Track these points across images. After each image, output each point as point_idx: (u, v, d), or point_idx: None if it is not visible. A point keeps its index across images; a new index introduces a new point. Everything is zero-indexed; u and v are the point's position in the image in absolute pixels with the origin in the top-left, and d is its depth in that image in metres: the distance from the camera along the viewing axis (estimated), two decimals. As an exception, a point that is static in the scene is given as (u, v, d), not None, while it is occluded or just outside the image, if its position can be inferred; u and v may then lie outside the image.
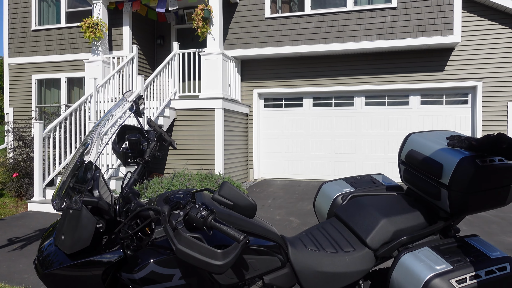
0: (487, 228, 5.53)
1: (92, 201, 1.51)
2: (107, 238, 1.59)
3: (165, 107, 8.35)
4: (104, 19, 9.44)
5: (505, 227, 5.55)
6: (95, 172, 1.63)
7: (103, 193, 1.62)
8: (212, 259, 1.29)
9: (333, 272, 1.81)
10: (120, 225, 1.58)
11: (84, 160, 1.55)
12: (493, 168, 1.81)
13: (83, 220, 1.42)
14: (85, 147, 1.60)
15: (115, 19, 10.00)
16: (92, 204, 1.51)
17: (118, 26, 10.02)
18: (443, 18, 8.34)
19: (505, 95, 8.55)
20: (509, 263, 1.72)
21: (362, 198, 2.17)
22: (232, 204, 1.37)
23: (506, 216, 6.10)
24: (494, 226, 5.61)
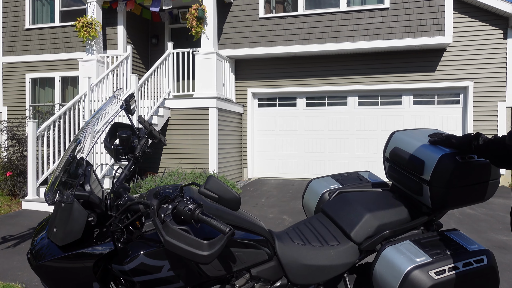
0: (476, 225, 5.63)
1: (84, 195, 1.56)
2: (98, 231, 1.64)
3: (160, 106, 8.39)
4: (98, 18, 9.45)
5: (493, 225, 5.65)
6: (87, 168, 1.68)
7: (95, 188, 1.67)
8: (199, 250, 1.35)
9: (318, 265, 1.88)
10: (111, 218, 1.63)
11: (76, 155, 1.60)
12: (472, 165, 1.88)
13: (75, 213, 1.47)
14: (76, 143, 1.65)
15: (109, 18, 10.02)
16: (84, 198, 1.56)
17: (112, 25, 10.04)
18: (434, 19, 8.44)
19: (495, 95, 8.67)
20: (486, 255, 1.79)
21: (348, 194, 2.24)
22: (218, 197, 1.42)
23: (494, 214, 6.21)
24: (483, 224, 5.70)
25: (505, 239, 5.00)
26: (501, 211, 6.38)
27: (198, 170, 8.13)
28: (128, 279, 1.57)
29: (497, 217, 6.04)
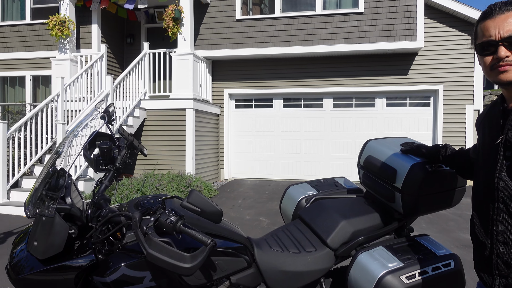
0: (445, 225, 5.85)
1: (65, 208, 1.56)
2: (79, 243, 1.64)
3: (135, 107, 8.30)
4: (71, 17, 9.25)
5: (461, 224, 5.89)
6: (68, 180, 1.68)
7: (75, 200, 1.68)
8: (181, 262, 1.39)
9: (296, 271, 1.94)
10: (92, 230, 1.64)
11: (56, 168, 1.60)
12: (440, 173, 1.99)
13: (56, 226, 1.48)
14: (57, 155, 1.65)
15: (83, 16, 9.82)
16: (65, 211, 1.56)
17: (86, 24, 9.85)
18: (407, 24, 8.69)
19: (463, 98, 9.01)
20: (453, 259, 1.89)
21: (324, 200, 2.31)
22: (200, 211, 1.46)
23: (463, 214, 6.47)
24: (452, 224, 5.94)
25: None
26: (469, 211, 6.63)
27: (175, 171, 8.09)
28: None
29: (465, 217, 6.30)
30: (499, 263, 1.31)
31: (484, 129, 1.46)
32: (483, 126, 1.48)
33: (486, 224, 1.36)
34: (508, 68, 1.29)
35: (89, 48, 9.77)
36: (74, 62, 9.28)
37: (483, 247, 1.37)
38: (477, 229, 1.41)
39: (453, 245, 4.94)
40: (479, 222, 1.41)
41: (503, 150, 1.31)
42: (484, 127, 1.47)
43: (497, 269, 1.32)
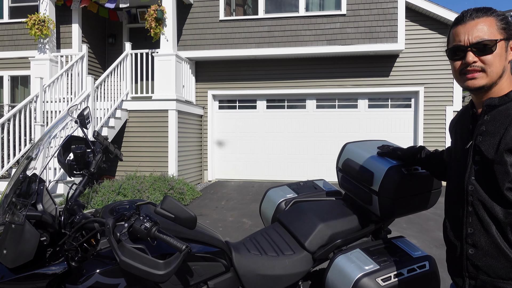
0: (425, 225, 5.94)
1: (36, 215, 1.53)
2: (51, 251, 1.61)
3: (117, 108, 8.19)
4: (51, 16, 9.08)
5: (440, 224, 5.99)
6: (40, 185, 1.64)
7: (48, 206, 1.64)
8: (155, 269, 1.37)
9: (274, 275, 1.94)
10: (64, 237, 1.61)
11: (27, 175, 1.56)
12: (416, 176, 2.01)
13: (26, 234, 1.44)
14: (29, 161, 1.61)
15: (64, 16, 9.65)
16: (36, 218, 1.53)
17: (66, 23, 9.68)
18: (388, 26, 8.80)
19: (443, 100, 9.17)
20: (428, 261, 1.92)
21: (303, 203, 2.32)
22: (174, 217, 1.45)
23: (442, 214, 6.57)
24: (432, 223, 6.04)
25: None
26: (448, 210, 6.77)
27: (157, 173, 8.02)
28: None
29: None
30: (468, 265, 1.34)
31: (456, 133, 1.49)
32: (455, 130, 1.51)
33: (457, 227, 1.39)
34: (476, 74, 1.31)
35: (70, 48, 9.61)
36: (54, 62, 9.11)
37: (454, 250, 1.40)
38: (449, 231, 1.44)
39: (432, 244, 5.02)
40: (450, 225, 1.44)
41: (472, 154, 1.34)
42: (456, 131, 1.50)
43: (467, 271, 1.35)
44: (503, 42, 1.29)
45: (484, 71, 1.30)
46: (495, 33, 1.28)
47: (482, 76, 1.30)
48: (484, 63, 1.29)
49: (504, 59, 1.30)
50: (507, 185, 1.23)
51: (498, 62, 1.29)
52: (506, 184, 1.23)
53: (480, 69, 1.30)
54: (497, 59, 1.29)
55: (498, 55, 1.28)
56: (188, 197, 7.42)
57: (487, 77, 1.30)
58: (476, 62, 1.30)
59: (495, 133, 1.28)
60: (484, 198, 1.29)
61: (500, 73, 1.30)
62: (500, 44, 1.29)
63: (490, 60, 1.28)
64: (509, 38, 1.30)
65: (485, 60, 1.29)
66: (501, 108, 1.30)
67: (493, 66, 1.29)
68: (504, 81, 1.32)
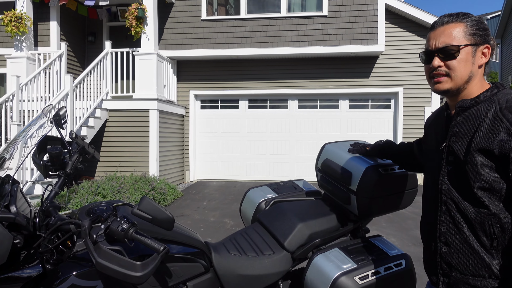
0: (404, 224, 6.05)
1: (9, 217, 1.49)
2: (25, 253, 1.57)
3: (97, 108, 8.07)
4: (28, 13, 8.87)
5: (419, 222, 6.09)
6: (13, 187, 1.60)
7: (22, 208, 1.60)
8: (132, 271, 1.36)
9: (253, 275, 1.94)
10: (39, 239, 1.58)
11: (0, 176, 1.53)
12: (393, 176, 2.05)
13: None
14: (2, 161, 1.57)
15: (41, 13, 9.44)
16: (9, 221, 1.49)
17: (44, 20, 9.47)
18: (368, 28, 8.93)
19: (422, 101, 9.35)
20: (405, 259, 1.96)
21: (283, 203, 2.33)
22: (151, 218, 1.44)
23: (420, 212, 6.70)
24: (410, 222, 6.15)
25: (428, 236, 5.43)
26: (426, 209, 6.91)
27: (138, 173, 7.93)
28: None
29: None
30: (442, 262, 1.38)
31: (431, 133, 1.52)
32: (430, 129, 1.55)
33: (432, 226, 1.43)
34: (441, 79, 1.36)
35: (48, 46, 9.41)
36: (31, 60, 8.91)
37: (430, 248, 1.44)
38: (425, 230, 1.48)
39: (411, 243, 5.12)
40: (426, 224, 1.48)
41: (446, 155, 1.37)
42: (431, 131, 1.54)
43: (441, 269, 1.39)
44: (469, 47, 1.31)
45: (449, 75, 1.34)
46: (462, 39, 1.31)
47: (446, 80, 1.34)
48: (448, 68, 1.33)
49: (471, 65, 1.32)
50: (478, 185, 1.26)
51: (462, 68, 1.32)
52: (477, 184, 1.26)
53: (445, 73, 1.34)
54: (462, 64, 1.32)
55: (463, 60, 1.31)
56: (169, 198, 7.36)
57: (452, 82, 1.34)
58: (441, 67, 1.34)
59: (467, 134, 1.32)
60: (456, 198, 1.33)
61: (466, 78, 1.33)
62: (465, 50, 1.31)
63: (454, 65, 1.32)
64: (478, 44, 1.32)
65: (449, 65, 1.32)
66: (472, 109, 1.34)
67: (456, 71, 1.32)
68: (474, 85, 1.35)
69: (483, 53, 1.34)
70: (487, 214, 1.26)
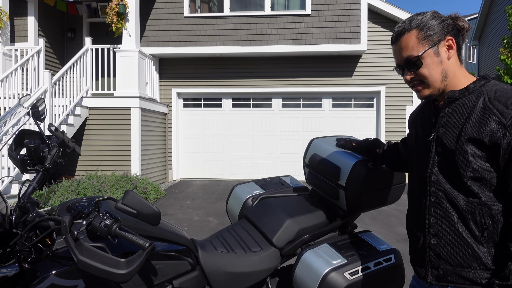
0: (387, 221, 6.10)
1: (-17, 214, 1.41)
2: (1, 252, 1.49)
3: (76, 105, 7.87)
4: (4, 7, 8.59)
5: (402, 219, 6.17)
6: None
7: (-3, 204, 1.52)
8: (115, 269, 1.29)
9: (241, 272, 1.89)
10: (16, 237, 1.49)
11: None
12: (381, 171, 2.03)
13: (-28, 234, 1.32)
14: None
15: (18, 7, 9.16)
16: (-17, 217, 1.41)
17: (21, 15, 9.19)
18: (351, 27, 8.98)
19: (404, 100, 9.47)
20: (394, 254, 1.95)
21: (270, 199, 2.29)
22: (136, 213, 1.37)
23: (403, 210, 6.78)
24: (394, 219, 6.20)
25: (411, 233, 5.49)
26: (409, 207, 6.99)
27: (120, 172, 7.77)
28: (37, 302, 1.45)
29: (406, 212, 6.60)
30: (431, 254, 1.36)
31: (417, 126, 1.51)
32: (415, 124, 1.53)
33: (420, 218, 1.41)
34: (418, 88, 1.37)
35: (25, 41, 9.13)
36: (8, 56, 8.63)
37: (417, 240, 1.42)
38: (412, 223, 1.46)
39: (395, 239, 5.15)
40: (413, 216, 1.46)
41: (435, 146, 1.36)
42: (416, 124, 1.52)
43: (429, 261, 1.37)
44: (429, 50, 1.30)
45: (424, 83, 1.34)
46: (418, 47, 1.31)
47: (424, 87, 1.35)
48: (420, 77, 1.34)
49: (439, 64, 1.32)
50: (469, 174, 1.26)
51: (433, 71, 1.32)
52: (468, 173, 1.26)
53: (419, 82, 1.35)
54: (430, 68, 1.31)
55: (430, 64, 1.31)
56: (152, 197, 7.24)
57: (429, 88, 1.35)
58: (414, 77, 1.36)
59: (456, 124, 1.31)
60: (446, 188, 1.32)
61: (440, 78, 1.33)
62: (427, 54, 1.31)
63: (423, 73, 1.32)
64: (436, 42, 1.31)
65: (419, 74, 1.33)
66: (461, 100, 1.33)
67: (427, 77, 1.32)
68: (455, 77, 1.34)
69: (448, 46, 1.32)
70: (478, 204, 1.26)
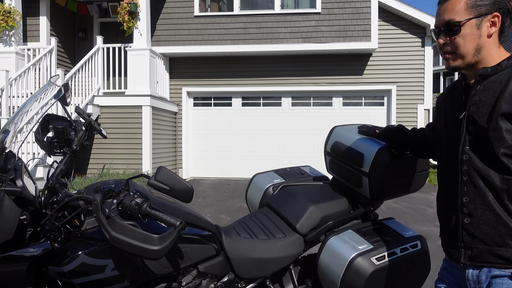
0: (400, 218, 6.04)
1: (15, 191, 1.41)
2: (32, 231, 1.49)
3: (88, 104, 7.92)
4: (17, 7, 8.68)
5: (415, 217, 6.12)
6: (17, 161, 1.52)
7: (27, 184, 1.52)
8: (149, 245, 1.29)
9: (265, 258, 1.88)
10: (46, 217, 1.50)
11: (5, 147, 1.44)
12: (405, 157, 2.01)
13: (5, 210, 1.32)
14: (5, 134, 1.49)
15: (31, 7, 9.25)
16: (15, 194, 1.41)
17: (34, 15, 9.29)
18: (362, 25, 8.94)
19: (415, 98, 9.40)
20: (420, 241, 1.92)
21: (292, 187, 2.28)
22: (169, 189, 1.37)
23: (416, 208, 6.72)
24: (407, 217, 6.15)
25: (426, 230, 5.44)
26: (422, 205, 6.93)
27: (131, 170, 7.81)
28: (67, 282, 1.45)
29: (419, 210, 6.55)
30: (464, 234, 1.33)
31: (446, 107, 1.48)
32: (444, 105, 1.51)
33: (451, 198, 1.38)
34: (447, 56, 1.34)
35: (37, 41, 9.22)
36: (21, 55, 8.72)
37: (449, 221, 1.39)
38: (443, 204, 1.44)
39: (409, 236, 5.10)
40: (444, 197, 1.43)
41: (466, 124, 1.34)
42: (445, 106, 1.49)
43: (462, 241, 1.34)
44: (473, 20, 1.28)
45: (455, 52, 1.32)
46: (463, 13, 1.28)
47: (453, 57, 1.33)
48: (453, 45, 1.31)
49: (477, 37, 1.29)
50: (503, 151, 1.23)
51: (468, 43, 1.29)
52: (502, 150, 1.23)
53: (451, 50, 1.33)
54: (466, 39, 1.29)
55: (467, 35, 1.29)
56: (163, 195, 7.25)
57: (458, 59, 1.32)
58: (447, 44, 1.33)
59: (488, 101, 1.28)
60: (479, 166, 1.29)
61: (472, 52, 1.30)
62: (468, 24, 1.28)
63: (458, 42, 1.30)
64: (482, 15, 1.28)
65: (454, 42, 1.31)
66: (493, 77, 1.30)
67: (461, 47, 1.30)
68: (488, 54, 1.31)
69: (492, 22, 1.29)
70: None
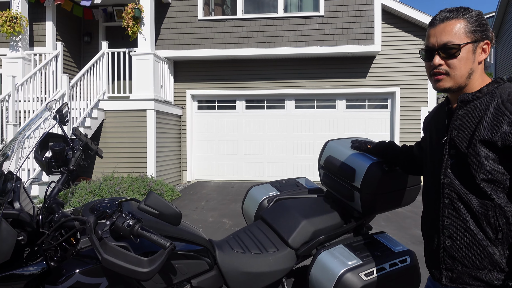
0: (402, 223, 6.06)
1: (13, 214, 1.47)
2: (29, 250, 1.55)
3: (93, 108, 8.02)
4: (24, 13, 8.81)
5: (417, 221, 6.13)
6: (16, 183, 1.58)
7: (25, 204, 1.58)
8: (138, 267, 1.34)
9: (258, 272, 1.93)
10: (43, 236, 1.56)
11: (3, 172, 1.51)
12: (397, 172, 2.05)
13: (3, 233, 1.38)
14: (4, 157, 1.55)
15: (37, 13, 9.38)
16: (13, 217, 1.47)
17: (40, 21, 9.41)
18: (365, 28, 8.95)
19: (419, 101, 9.38)
20: (409, 255, 1.96)
21: (286, 201, 2.32)
22: (158, 213, 1.42)
23: (419, 211, 6.72)
24: (409, 221, 6.16)
25: (427, 235, 5.45)
26: (424, 208, 6.93)
27: (136, 174, 7.89)
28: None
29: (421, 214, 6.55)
30: (445, 256, 1.37)
31: (431, 129, 1.52)
32: (430, 126, 1.55)
33: (434, 220, 1.42)
34: (440, 77, 1.35)
35: (44, 46, 9.35)
36: (27, 60, 8.85)
37: (432, 242, 1.44)
38: (426, 225, 1.48)
39: (410, 241, 5.12)
40: (428, 218, 1.47)
41: (448, 148, 1.37)
42: (431, 127, 1.53)
43: (444, 263, 1.38)
44: (470, 45, 1.31)
45: (448, 74, 1.33)
46: (462, 37, 1.30)
47: (446, 79, 1.34)
48: (448, 67, 1.33)
49: (471, 62, 1.32)
50: (481, 176, 1.27)
51: (463, 66, 1.32)
52: (480, 175, 1.27)
53: (445, 72, 1.34)
54: (462, 63, 1.31)
55: (464, 59, 1.31)
56: (167, 198, 7.33)
57: (451, 80, 1.34)
58: (442, 65, 1.34)
59: (469, 127, 1.32)
60: (459, 190, 1.32)
61: (466, 76, 1.33)
62: (466, 48, 1.31)
63: (454, 64, 1.32)
64: (478, 40, 1.31)
65: (450, 64, 1.32)
66: (474, 103, 1.34)
67: (457, 70, 1.32)
68: (476, 80, 1.35)
69: (483, 49, 1.34)
70: (492, 205, 1.26)
